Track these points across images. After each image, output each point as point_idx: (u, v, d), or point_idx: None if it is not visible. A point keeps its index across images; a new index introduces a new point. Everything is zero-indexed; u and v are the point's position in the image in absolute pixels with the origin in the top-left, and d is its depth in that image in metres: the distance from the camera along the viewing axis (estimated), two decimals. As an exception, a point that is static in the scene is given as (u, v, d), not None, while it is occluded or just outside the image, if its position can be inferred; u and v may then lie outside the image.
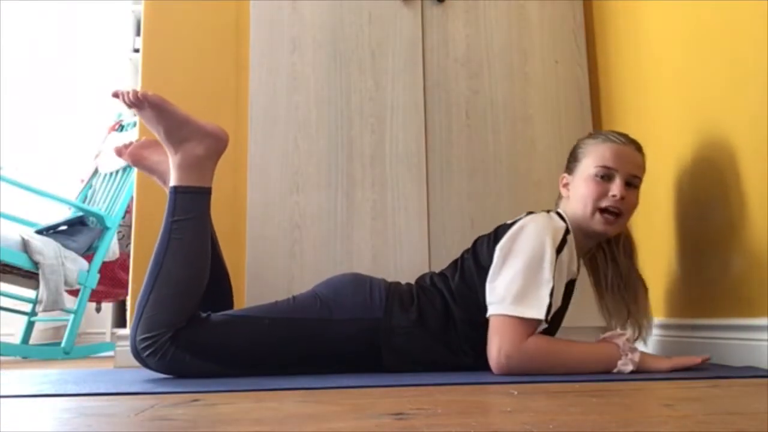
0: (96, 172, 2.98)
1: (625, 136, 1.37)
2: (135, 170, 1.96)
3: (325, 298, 1.35)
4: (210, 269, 1.34)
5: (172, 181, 1.33)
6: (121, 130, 3.00)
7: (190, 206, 1.31)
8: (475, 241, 1.42)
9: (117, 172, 2.86)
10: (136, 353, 1.27)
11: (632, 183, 1.34)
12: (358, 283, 1.39)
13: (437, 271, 1.46)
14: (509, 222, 1.36)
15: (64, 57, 3.70)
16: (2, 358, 2.52)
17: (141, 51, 2.01)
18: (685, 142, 1.52)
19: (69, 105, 3.64)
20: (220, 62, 2.02)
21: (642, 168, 1.37)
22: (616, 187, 1.31)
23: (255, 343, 1.29)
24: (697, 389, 0.95)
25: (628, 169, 1.33)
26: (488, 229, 1.80)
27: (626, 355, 1.19)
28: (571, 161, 1.43)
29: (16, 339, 2.74)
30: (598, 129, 1.41)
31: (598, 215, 1.32)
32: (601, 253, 1.44)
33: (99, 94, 3.62)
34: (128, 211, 2.72)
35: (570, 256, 1.28)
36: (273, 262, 1.83)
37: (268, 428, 0.66)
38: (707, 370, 1.18)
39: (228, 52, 2.02)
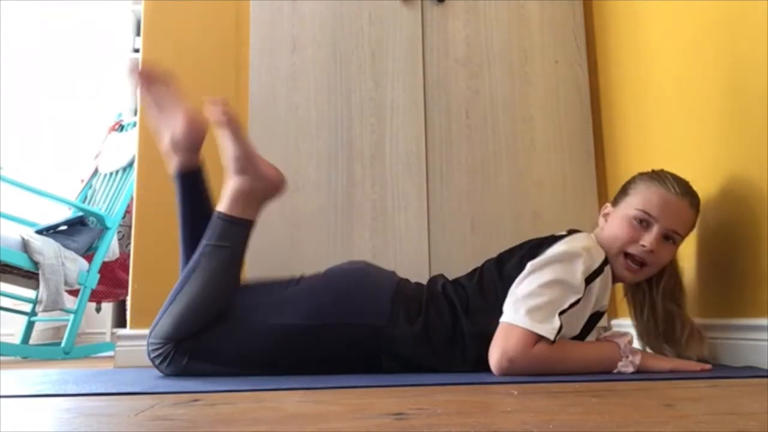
0: (96, 172, 2.98)
1: (685, 186, 1.27)
2: (135, 170, 1.96)
3: (324, 299, 1.32)
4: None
5: (219, 207, 1.36)
6: (121, 130, 3.00)
7: (226, 234, 1.33)
8: (502, 255, 1.34)
9: (117, 172, 2.86)
10: (149, 356, 1.31)
11: (670, 237, 1.25)
12: (364, 282, 1.35)
13: (449, 277, 1.40)
14: (545, 237, 1.29)
15: (64, 57, 3.70)
16: (2, 358, 2.52)
17: (141, 51, 2.01)
18: (685, 141, 1.52)
19: (69, 105, 3.64)
20: (220, 62, 2.02)
21: (688, 225, 1.28)
22: (649, 238, 1.23)
23: (249, 348, 1.29)
24: (697, 389, 0.95)
25: (669, 222, 1.24)
26: (488, 228, 1.79)
27: (627, 356, 1.19)
28: (620, 193, 1.34)
29: (16, 339, 2.74)
30: (661, 169, 1.31)
31: (621, 258, 1.26)
32: (640, 292, 1.36)
33: (99, 94, 3.63)
34: (128, 211, 2.72)
35: (604, 287, 1.23)
36: (273, 261, 1.83)
37: (268, 428, 0.66)
38: (707, 371, 1.18)
39: (228, 52, 2.02)
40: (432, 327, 1.28)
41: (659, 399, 0.84)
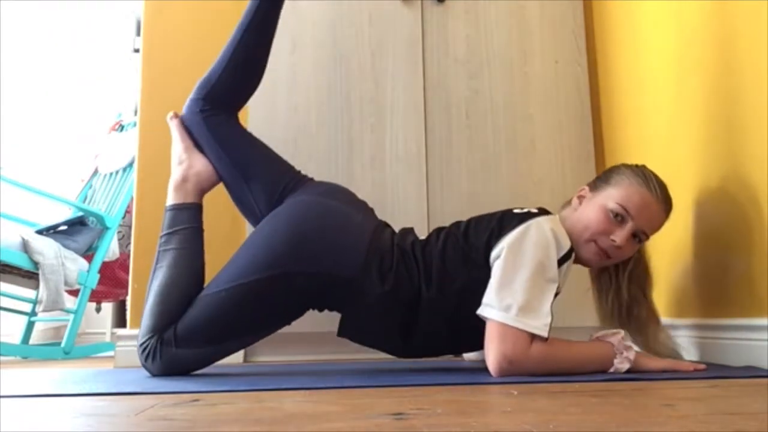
0: (96, 172, 2.98)
1: (665, 191, 1.29)
2: (135, 170, 1.96)
3: (277, 247, 1.30)
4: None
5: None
6: (121, 130, 3.00)
7: (175, 221, 1.43)
8: (469, 222, 1.34)
9: (117, 172, 2.86)
10: (141, 361, 1.34)
11: (638, 236, 1.28)
12: (336, 226, 1.33)
13: (418, 235, 1.39)
14: (517, 212, 1.30)
15: (64, 57, 3.70)
16: (2, 358, 2.52)
17: (141, 51, 2.01)
18: (684, 141, 1.52)
19: (69, 105, 3.64)
20: (220, 62, 2.01)
21: (657, 229, 1.31)
22: (620, 234, 1.25)
23: (220, 319, 1.30)
24: (697, 389, 0.95)
25: (643, 224, 1.27)
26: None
27: (621, 353, 1.19)
28: (602, 180, 1.34)
29: (16, 339, 2.74)
30: (644, 165, 1.33)
31: (592, 245, 1.28)
32: (606, 275, 1.38)
33: (99, 94, 3.63)
34: (128, 211, 2.72)
35: (566, 271, 1.26)
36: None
37: (268, 428, 0.66)
38: (707, 370, 1.18)
39: (228, 52, 2.01)
40: (400, 287, 1.27)
41: (659, 399, 0.84)
